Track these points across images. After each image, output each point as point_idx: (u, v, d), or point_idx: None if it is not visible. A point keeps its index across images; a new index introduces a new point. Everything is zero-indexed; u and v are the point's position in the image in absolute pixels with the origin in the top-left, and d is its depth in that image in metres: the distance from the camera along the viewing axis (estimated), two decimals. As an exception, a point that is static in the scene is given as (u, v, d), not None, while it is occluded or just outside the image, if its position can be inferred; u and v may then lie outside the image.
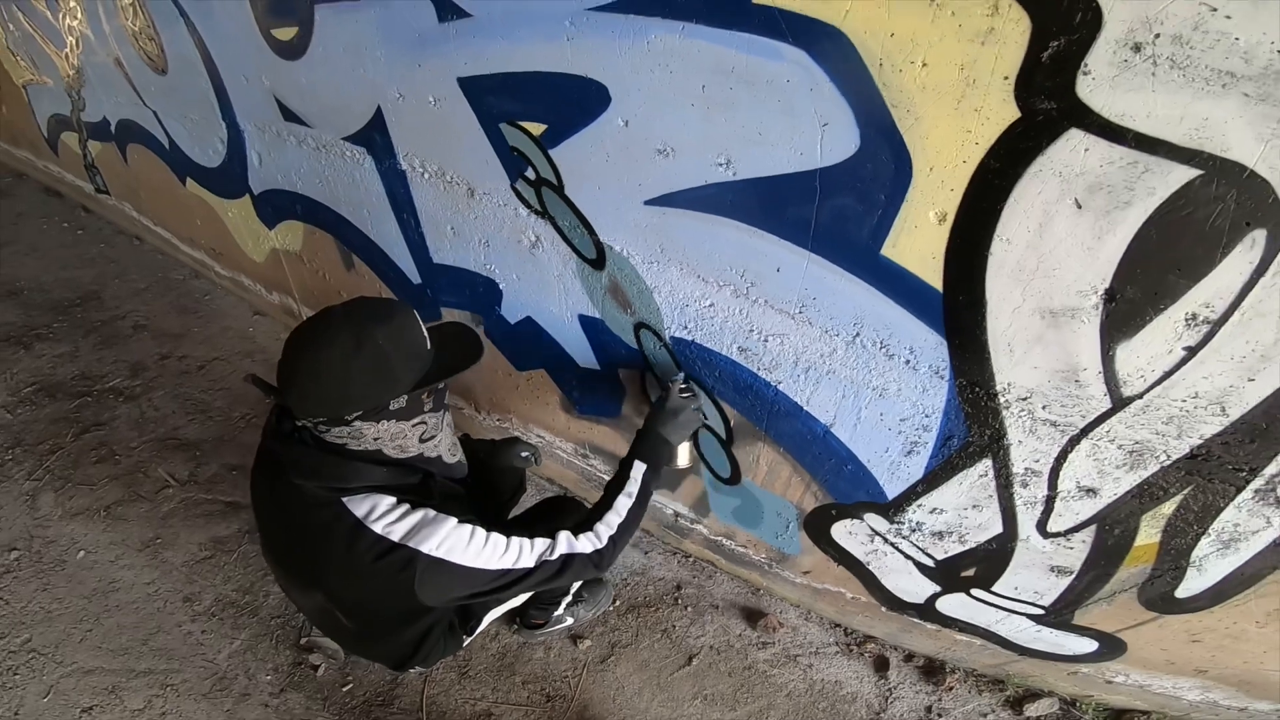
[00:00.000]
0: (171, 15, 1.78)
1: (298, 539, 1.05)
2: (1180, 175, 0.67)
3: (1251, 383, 0.77)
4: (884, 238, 0.89)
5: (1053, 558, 1.11)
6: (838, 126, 0.84)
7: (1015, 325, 0.86)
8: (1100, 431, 0.90)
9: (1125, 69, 0.64)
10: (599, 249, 1.24)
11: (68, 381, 2.42)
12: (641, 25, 0.92)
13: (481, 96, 1.19)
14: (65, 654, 1.61)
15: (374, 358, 0.91)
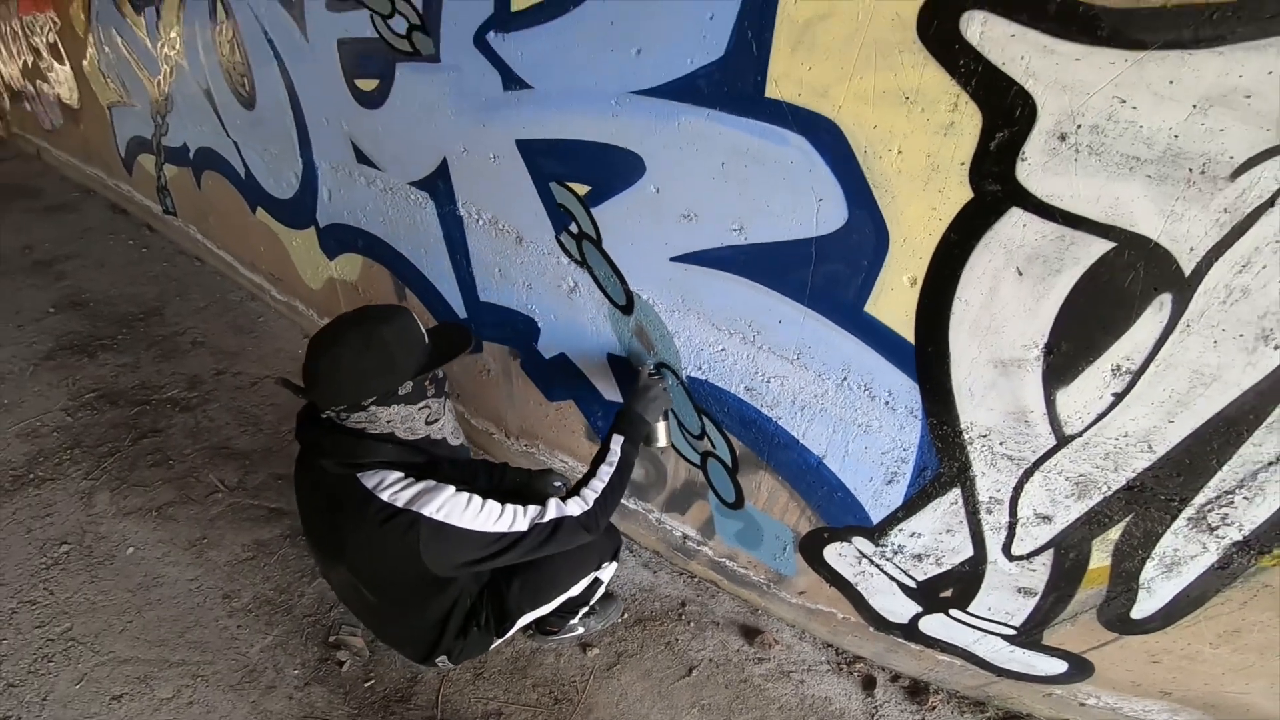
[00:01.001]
0: (266, 56, 1.98)
1: (323, 515, 1.16)
2: (1099, 247, 0.81)
3: (1172, 424, 0.89)
4: (867, 297, 1.04)
5: (1019, 579, 1.20)
6: (830, 202, 1.00)
7: (974, 373, 1.00)
8: (1049, 465, 1.02)
9: (1054, 156, 0.79)
10: (629, 297, 1.39)
11: (128, 390, 2.54)
12: (674, 109, 1.09)
13: (535, 157, 1.37)
14: (104, 643, 1.67)
15: (381, 350, 1.06)
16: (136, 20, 2.65)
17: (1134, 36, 0.70)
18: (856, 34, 0.86)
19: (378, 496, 1.06)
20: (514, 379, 1.86)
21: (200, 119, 2.60)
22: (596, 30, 1.12)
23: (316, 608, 1.75)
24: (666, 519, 1.76)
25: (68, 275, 3.38)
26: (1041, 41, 0.74)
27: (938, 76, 0.82)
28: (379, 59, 1.59)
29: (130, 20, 2.70)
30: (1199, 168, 0.72)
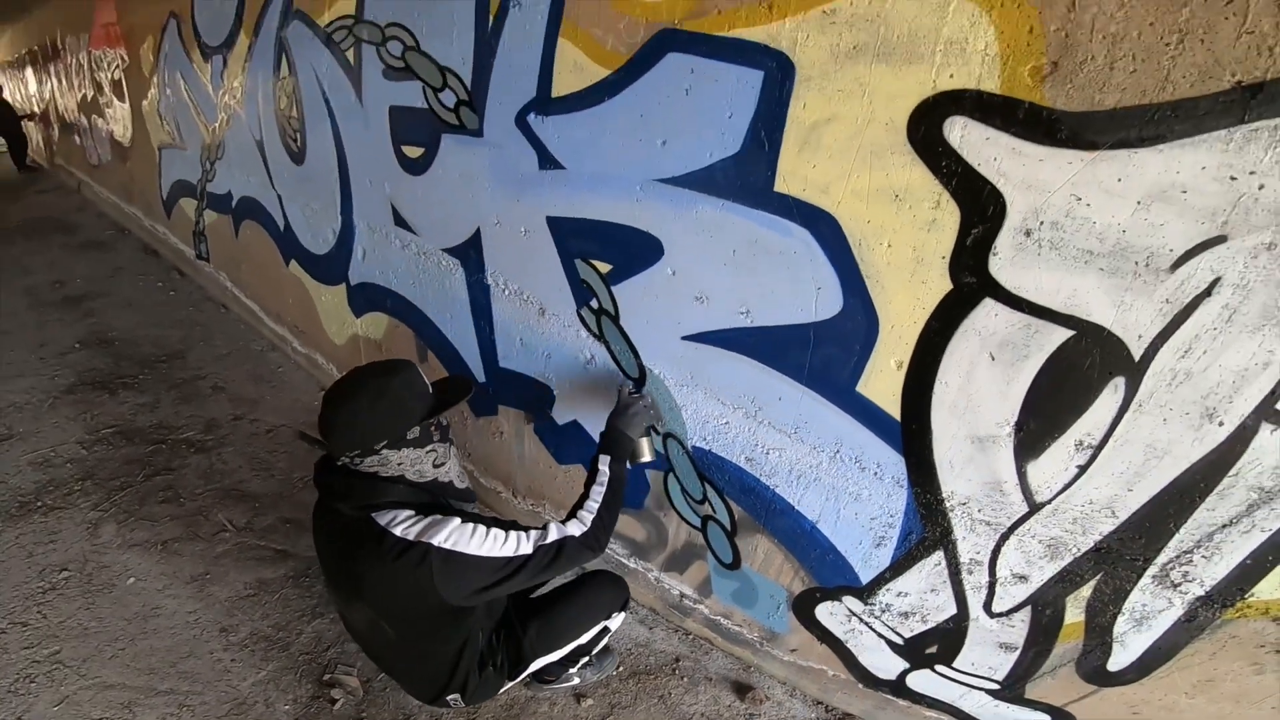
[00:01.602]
0: (321, 114, 2.07)
1: (341, 555, 1.18)
2: (1061, 335, 0.90)
3: (1131, 492, 0.96)
4: (858, 378, 1.12)
5: (1000, 635, 1.23)
6: (828, 290, 1.10)
7: (953, 448, 1.07)
8: (1023, 529, 1.08)
9: (1020, 250, 0.89)
10: (641, 371, 1.45)
11: (146, 429, 2.53)
12: (692, 198, 1.20)
13: (564, 234, 1.46)
14: (91, 669, 1.62)
15: (391, 399, 1.12)
16: (203, 66, 2.77)
17: (1088, 138, 0.81)
18: (855, 136, 0.98)
19: (391, 532, 1.10)
20: (525, 441, 1.89)
21: (249, 169, 2.68)
22: (628, 121, 1.24)
23: (314, 646, 1.70)
24: (665, 578, 1.76)
25: (96, 313, 3.41)
26: (1011, 144, 0.85)
27: (923, 176, 0.93)
28: (426, 128, 1.68)
29: (197, 66, 2.82)
30: (1143, 261, 0.82)
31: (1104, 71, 0.78)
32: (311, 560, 1.96)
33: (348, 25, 1.86)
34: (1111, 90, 0.78)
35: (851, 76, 0.96)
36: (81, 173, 5.23)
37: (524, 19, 1.36)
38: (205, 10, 2.68)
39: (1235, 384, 0.83)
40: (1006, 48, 0.83)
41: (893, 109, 0.93)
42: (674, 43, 1.13)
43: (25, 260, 4.08)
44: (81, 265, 4.02)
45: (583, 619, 1.41)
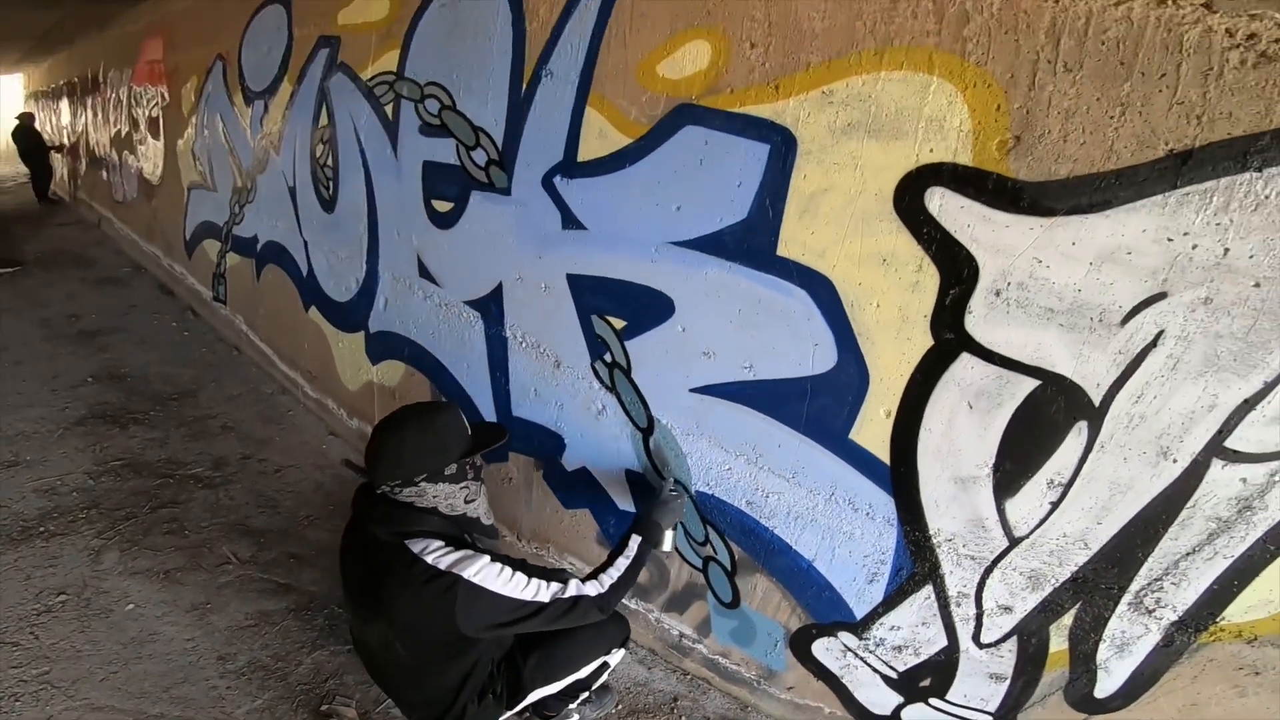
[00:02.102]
0: (356, 165, 2.13)
1: (370, 576, 1.21)
2: (1029, 384, 1.00)
3: (1100, 525, 1.03)
4: (851, 426, 1.20)
5: (989, 666, 1.26)
6: (824, 347, 1.19)
7: (938, 488, 1.14)
8: (1005, 563, 1.14)
9: (992, 309, 0.99)
10: (650, 420, 1.51)
11: (154, 463, 2.50)
12: (703, 260, 1.30)
13: (582, 291, 1.54)
14: (80, 690, 1.57)
15: (435, 435, 1.19)
16: (244, 110, 2.83)
17: (1046, 205, 0.92)
18: (848, 205, 1.09)
19: (423, 559, 1.14)
20: (534, 487, 1.90)
21: (278, 214, 2.72)
22: (646, 186, 1.34)
23: (313, 677, 1.66)
24: (665, 618, 1.75)
25: (110, 348, 3.40)
26: (982, 212, 0.97)
27: (908, 242, 1.04)
28: (457, 184, 1.77)
29: (238, 109, 2.88)
30: (1097, 316, 0.92)
31: (1059, 144, 0.90)
32: (314, 595, 1.93)
33: (389, 81, 1.97)
34: (1065, 160, 0.90)
35: (846, 150, 1.08)
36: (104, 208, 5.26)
37: (555, 87, 1.48)
38: (252, 55, 2.77)
39: (1185, 425, 0.92)
40: (978, 124, 0.96)
41: (881, 180, 1.05)
42: (691, 116, 1.26)
43: (41, 293, 4.08)
44: (97, 300, 4.03)
45: (583, 653, 1.41)
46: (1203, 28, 0.82)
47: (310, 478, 2.53)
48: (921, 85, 1.00)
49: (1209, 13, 0.82)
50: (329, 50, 2.26)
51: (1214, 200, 0.84)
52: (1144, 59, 0.85)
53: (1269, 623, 1.02)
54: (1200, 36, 0.82)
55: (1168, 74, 0.84)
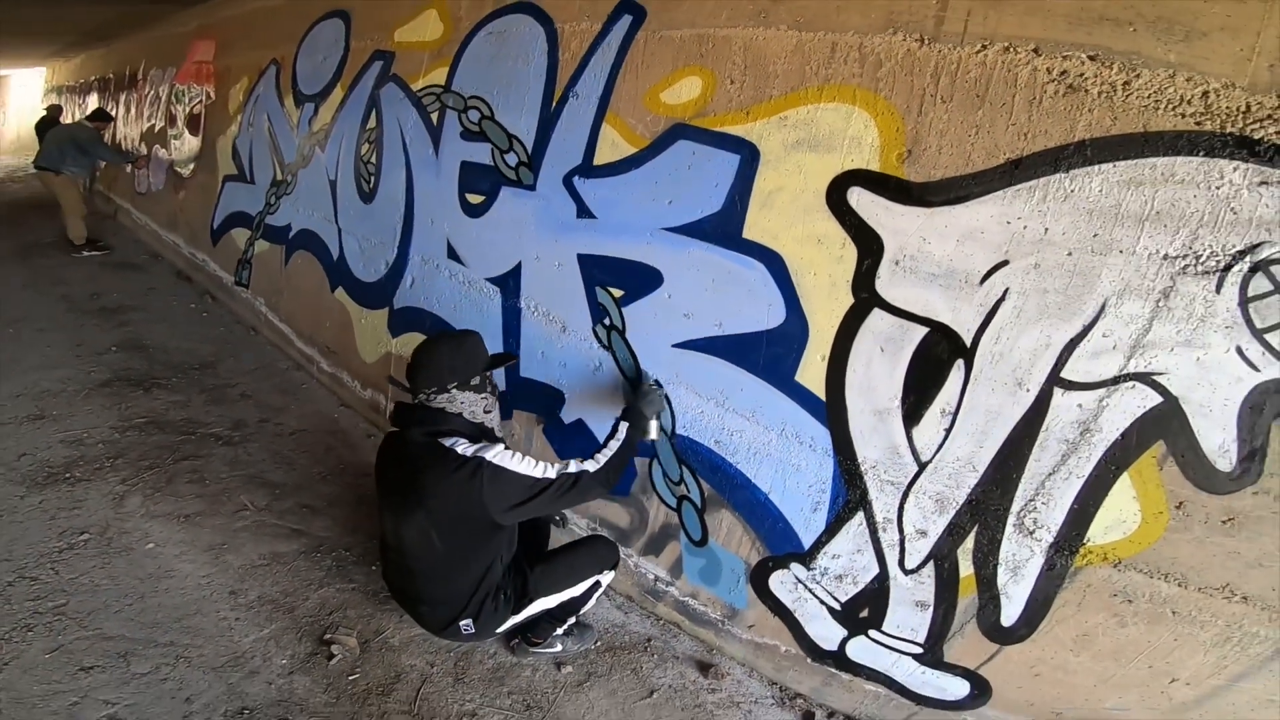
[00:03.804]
0: (398, 162, 2.79)
1: (408, 472, 1.69)
2: (921, 331, 1.50)
3: (982, 448, 1.49)
4: (796, 369, 1.72)
5: (914, 593, 1.69)
6: (775, 306, 1.73)
7: (862, 420, 1.64)
8: (916, 487, 1.61)
9: (893, 274, 1.51)
10: (639, 373, 2.06)
11: (177, 422, 3.06)
12: (687, 242, 1.87)
13: (590, 267, 2.13)
14: (94, 620, 1.91)
15: (464, 349, 1.73)
16: (293, 111, 3.57)
17: (927, 199, 1.45)
18: (795, 200, 1.66)
19: (453, 450, 1.65)
20: (534, 441, 2.45)
21: (315, 205, 3.42)
22: (646, 186, 1.94)
23: (318, 611, 2.09)
24: (643, 562, 2.24)
25: (130, 324, 4.06)
26: (886, 204, 1.51)
27: (835, 228, 1.59)
28: (490, 181, 2.41)
29: (287, 110, 3.62)
30: (964, 278, 1.43)
31: (935, 155, 1.46)
32: (324, 540, 2.43)
33: (437, 92, 2.66)
34: (939, 167, 1.45)
35: (794, 160, 1.66)
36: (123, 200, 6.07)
37: (579, 106, 2.12)
38: (308, 62, 3.53)
39: (1031, 360, 1.39)
40: (884, 141, 1.52)
41: (817, 182, 1.62)
42: (683, 133, 1.87)
43: (61, 272, 4.82)
44: (116, 282, 4.76)
45: (579, 569, 1.91)
46: (1030, 68, 1.35)
47: (323, 441, 3.08)
48: (847, 113, 1.58)
49: (1035, 56, 1.36)
50: (383, 63, 3.00)
51: (1036, 194, 1.36)
52: (992, 92, 1.40)
53: (1126, 544, 1.42)
54: (1029, 75, 1.36)
55: (1007, 103, 1.39)
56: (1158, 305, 1.25)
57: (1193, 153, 1.17)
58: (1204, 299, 1.21)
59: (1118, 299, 1.27)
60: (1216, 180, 1.17)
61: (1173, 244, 1.22)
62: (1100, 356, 1.32)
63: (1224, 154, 1.15)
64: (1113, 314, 1.28)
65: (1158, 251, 1.23)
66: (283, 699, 1.77)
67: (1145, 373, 1.29)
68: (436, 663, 1.97)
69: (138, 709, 1.69)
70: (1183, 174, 1.19)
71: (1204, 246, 1.20)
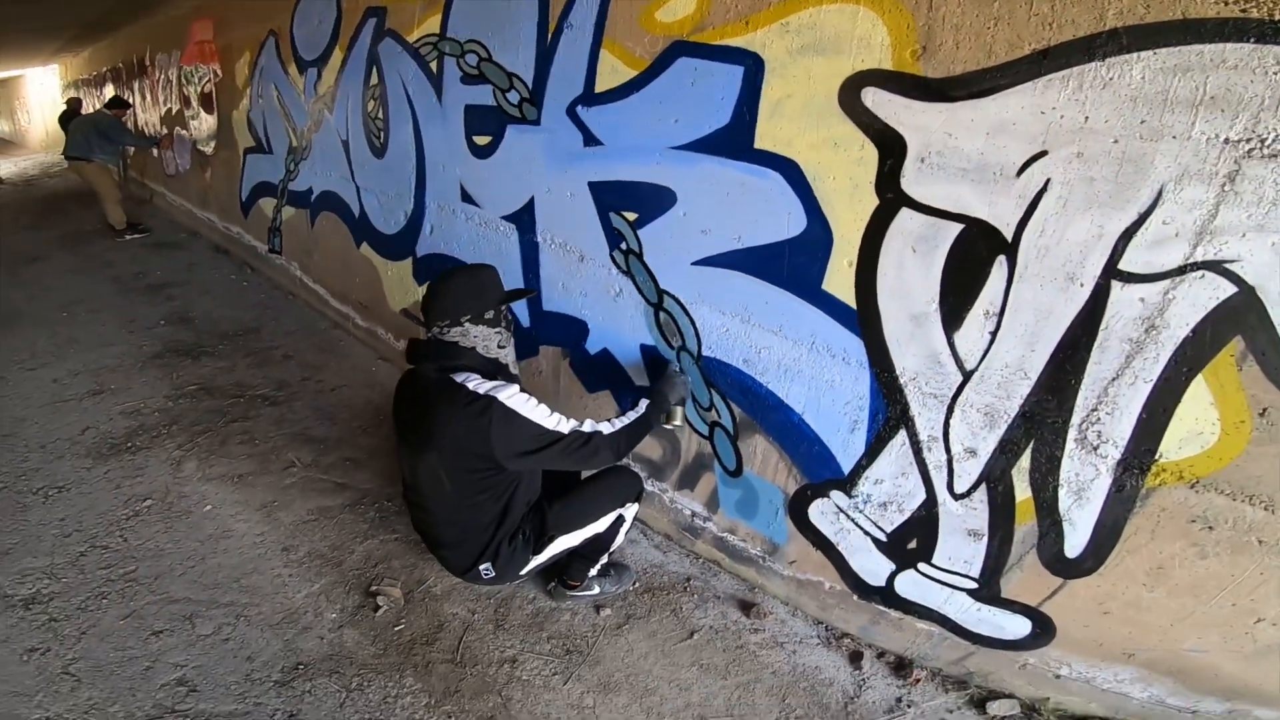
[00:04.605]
0: (405, 115, 2.96)
1: (420, 409, 1.78)
2: (955, 228, 1.46)
3: (1034, 352, 1.44)
4: (822, 278, 1.71)
5: (966, 520, 1.69)
6: (795, 214, 1.72)
7: (897, 327, 1.62)
8: (962, 399, 1.58)
9: (919, 172, 1.48)
10: (660, 295, 2.11)
11: (225, 386, 3.41)
12: (697, 158, 1.88)
13: (601, 194, 2.18)
14: (161, 585, 2.15)
15: (479, 282, 1.80)
16: (297, 78, 3.80)
17: (950, 94, 1.41)
18: (805, 106, 1.64)
19: (465, 386, 1.71)
20: (561, 377, 2.57)
21: (331, 166, 3.67)
22: (649, 106, 1.96)
23: (364, 564, 2.31)
24: (679, 497, 2.32)
25: (176, 298, 4.54)
26: (904, 102, 1.48)
27: (851, 129, 1.57)
28: (495, 121, 2.50)
29: (292, 78, 3.86)
30: (998, 171, 1.39)
31: (953, 49, 1.41)
32: (367, 492, 2.66)
33: (433, 41, 2.75)
34: (959, 62, 1.40)
35: (801, 66, 1.63)
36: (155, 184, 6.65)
37: (575, 36, 2.15)
38: (304, 28, 3.73)
39: (1082, 253, 1.34)
40: (895, 39, 1.48)
41: (828, 86, 1.59)
42: (683, 50, 1.86)
43: (106, 256, 5.41)
44: (159, 261, 5.31)
45: (599, 503, 1.99)
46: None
47: (361, 395, 3.36)
48: (852, 13, 1.53)
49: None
50: (377, 19, 3.11)
51: (1070, 84, 1.29)
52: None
53: (1204, 460, 1.35)
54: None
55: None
56: (1223, 190, 1.19)
57: (1242, 39, 1.12)
58: (1274, 182, 1.15)
59: (1176, 185, 1.22)
60: (1273, 66, 1.10)
61: (1233, 128, 1.16)
62: (1162, 245, 1.26)
63: (1275, 40, 1.09)
64: (1171, 200, 1.23)
65: (1217, 136, 1.17)
66: (334, 653, 1.97)
67: (1215, 261, 1.23)
68: (478, 610, 2.13)
69: (204, 670, 1.92)
70: (1234, 60, 1.13)
71: (1268, 130, 1.13)
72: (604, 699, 1.86)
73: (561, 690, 1.88)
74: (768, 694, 1.90)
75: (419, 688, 1.87)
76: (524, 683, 1.89)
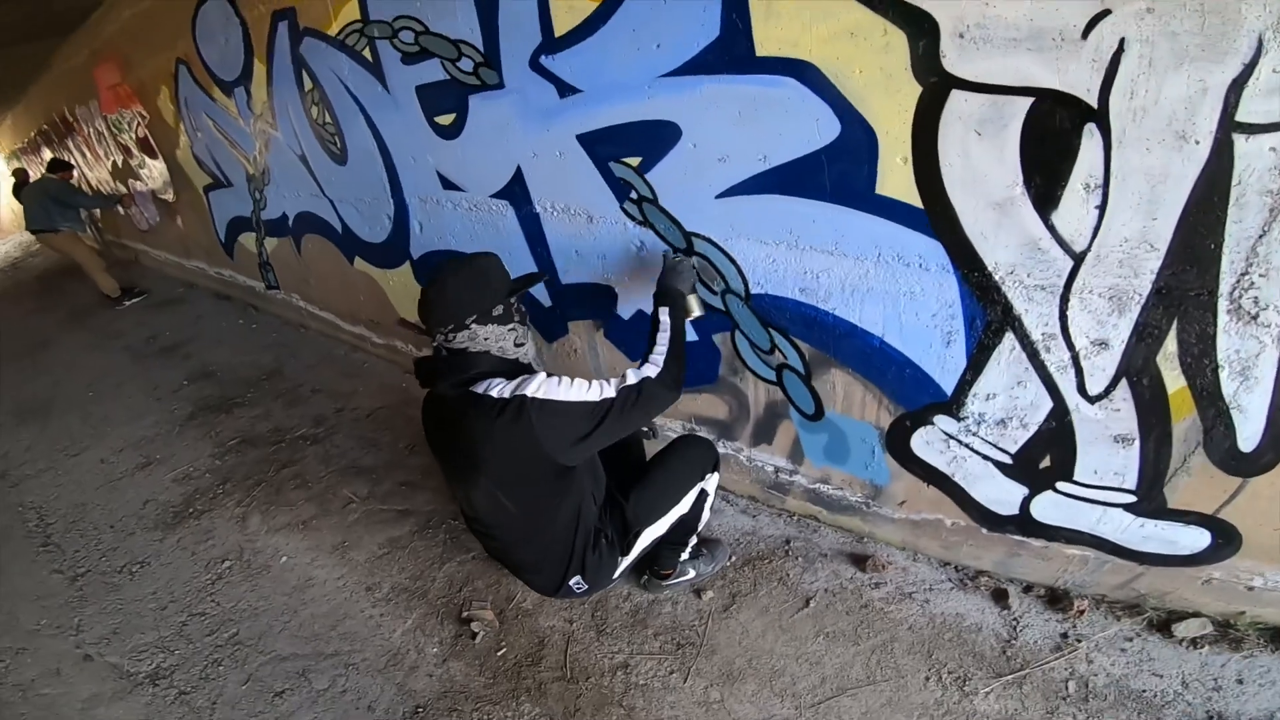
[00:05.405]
0: (353, 112, 2.84)
1: (451, 437, 1.68)
2: (1024, 102, 1.30)
3: (1156, 220, 1.29)
4: (874, 181, 1.56)
5: (1108, 425, 1.55)
6: (825, 119, 1.55)
7: (979, 219, 1.46)
8: (1078, 285, 1.42)
9: (961, 49, 1.31)
10: (688, 239, 1.98)
11: (264, 434, 3.53)
12: (694, 81, 1.71)
13: (594, 145, 2.03)
14: (267, 644, 2.25)
15: (477, 276, 1.64)
16: (226, 102, 3.69)
17: None
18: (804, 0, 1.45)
19: (488, 396, 1.58)
20: (599, 349, 2.50)
21: (297, 185, 3.61)
22: (623, 37, 1.78)
23: (448, 589, 2.37)
24: (756, 454, 2.26)
25: (192, 355, 4.68)
26: None
27: (866, 15, 1.39)
28: (453, 95, 2.36)
29: (220, 103, 3.76)
30: (1058, 36, 1.22)
31: None
32: (430, 514, 2.71)
33: (358, 29, 2.60)
34: None
35: None
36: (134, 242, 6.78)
37: None
38: (212, 48, 3.59)
39: (1188, 109, 1.19)
40: None
41: None
42: None
43: (113, 326, 5.63)
44: (165, 321, 5.49)
45: (677, 480, 1.93)
46: None
47: (399, 413, 3.43)
48: None
49: None
50: (288, 21, 2.96)
51: None
52: None
53: None
54: None
55: None
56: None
57: None
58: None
59: (1274, 33, 1.11)
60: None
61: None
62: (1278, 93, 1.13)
63: None
64: (1276, 48, 1.12)
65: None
66: (446, 690, 2.03)
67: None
68: (575, 619, 2.15)
69: (334, 725, 2.03)
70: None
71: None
72: (731, 689, 1.86)
73: (683, 689, 1.88)
74: (910, 652, 1.86)
75: (538, 712, 1.91)
76: (642, 688, 1.91)
